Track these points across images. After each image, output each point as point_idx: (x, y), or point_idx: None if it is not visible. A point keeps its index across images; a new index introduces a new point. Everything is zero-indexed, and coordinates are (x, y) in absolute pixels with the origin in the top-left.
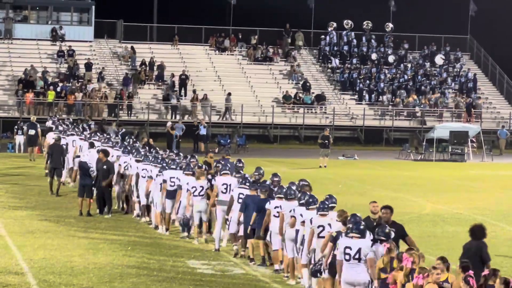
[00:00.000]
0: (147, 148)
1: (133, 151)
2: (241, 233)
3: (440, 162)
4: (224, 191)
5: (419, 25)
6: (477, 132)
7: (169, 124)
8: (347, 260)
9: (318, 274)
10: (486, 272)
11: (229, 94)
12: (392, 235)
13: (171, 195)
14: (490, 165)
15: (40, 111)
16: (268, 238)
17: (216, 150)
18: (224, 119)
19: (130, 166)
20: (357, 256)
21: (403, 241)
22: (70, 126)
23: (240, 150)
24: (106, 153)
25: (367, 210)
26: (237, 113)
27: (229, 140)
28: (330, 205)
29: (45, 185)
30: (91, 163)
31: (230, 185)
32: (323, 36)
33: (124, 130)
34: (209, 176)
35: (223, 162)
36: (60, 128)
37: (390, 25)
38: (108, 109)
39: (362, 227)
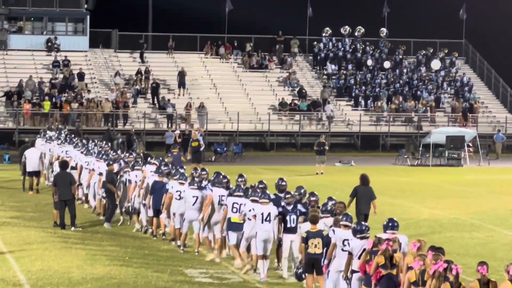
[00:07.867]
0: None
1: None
2: (150, 214)
3: (437, 167)
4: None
5: (414, 31)
6: (474, 136)
7: (177, 132)
8: None
9: (303, 276)
10: None
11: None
12: None
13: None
14: (486, 169)
15: (36, 122)
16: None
17: (213, 158)
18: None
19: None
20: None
21: None
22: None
23: (237, 158)
24: (62, 164)
25: None
26: (233, 121)
27: (225, 148)
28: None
29: (42, 197)
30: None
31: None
32: (315, 43)
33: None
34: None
35: (169, 155)
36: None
37: (385, 30)
38: (104, 118)
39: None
